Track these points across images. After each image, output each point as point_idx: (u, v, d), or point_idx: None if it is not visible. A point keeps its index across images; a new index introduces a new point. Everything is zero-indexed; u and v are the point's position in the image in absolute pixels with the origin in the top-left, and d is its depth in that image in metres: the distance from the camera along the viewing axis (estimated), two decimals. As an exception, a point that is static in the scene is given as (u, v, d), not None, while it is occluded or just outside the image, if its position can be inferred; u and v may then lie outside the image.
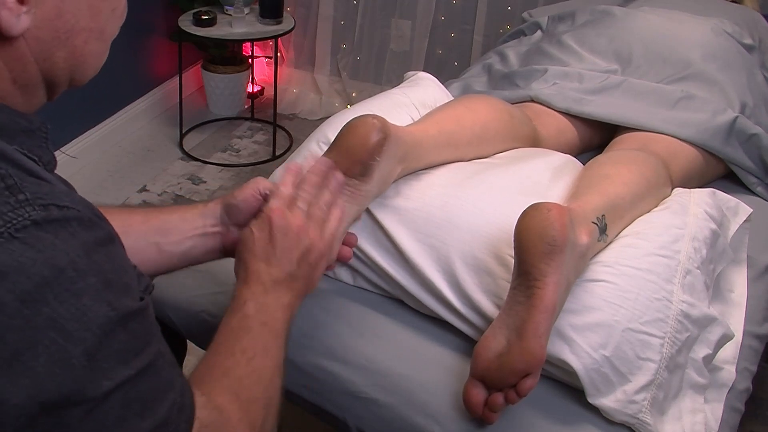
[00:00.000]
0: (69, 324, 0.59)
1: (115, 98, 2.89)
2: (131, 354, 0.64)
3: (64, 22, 0.67)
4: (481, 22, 2.98)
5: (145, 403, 0.66)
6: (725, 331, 1.16)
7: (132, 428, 0.64)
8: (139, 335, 0.66)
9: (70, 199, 0.63)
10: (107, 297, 0.62)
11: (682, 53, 1.71)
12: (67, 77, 0.72)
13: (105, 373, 0.62)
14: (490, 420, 1.02)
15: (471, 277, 1.13)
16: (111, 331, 0.62)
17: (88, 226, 0.62)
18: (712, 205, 1.25)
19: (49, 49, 0.68)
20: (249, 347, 0.87)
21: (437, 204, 1.18)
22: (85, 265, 0.61)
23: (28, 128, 0.69)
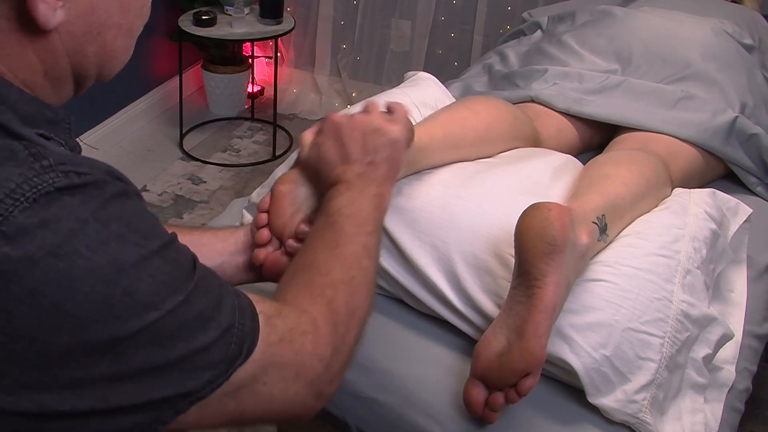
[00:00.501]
0: (105, 270, 0.62)
1: (116, 98, 2.89)
2: (178, 280, 0.67)
3: (97, 17, 0.69)
4: (481, 22, 2.98)
5: (204, 316, 0.68)
6: (725, 330, 1.16)
7: (196, 342, 0.67)
8: (179, 261, 0.69)
9: (89, 166, 0.65)
10: (133, 238, 0.65)
11: (682, 53, 1.71)
12: (96, 71, 0.74)
13: (154, 306, 0.64)
14: (490, 420, 1.02)
15: (472, 276, 1.13)
16: (149, 267, 0.65)
17: (102, 185, 0.65)
18: (712, 205, 1.25)
19: (80, 44, 0.70)
20: (332, 239, 0.89)
21: (438, 204, 1.18)
22: (105, 216, 0.63)
23: (53, 119, 0.71)
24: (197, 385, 0.68)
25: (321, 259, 0.87)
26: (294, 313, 0.78)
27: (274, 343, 0.74)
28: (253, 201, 1.35)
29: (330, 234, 0.90)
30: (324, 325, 0.80)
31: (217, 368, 0.69)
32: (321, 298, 0.82)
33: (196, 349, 0.67)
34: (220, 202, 2.64)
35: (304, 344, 0.77)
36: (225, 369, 0.69)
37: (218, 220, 1.43)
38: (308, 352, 0.77)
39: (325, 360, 0.78)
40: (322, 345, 0.78)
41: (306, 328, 0.78)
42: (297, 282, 0.85)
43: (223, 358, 0.69)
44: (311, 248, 0.90)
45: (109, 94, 2.79)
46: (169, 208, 2.60)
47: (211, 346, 0.68)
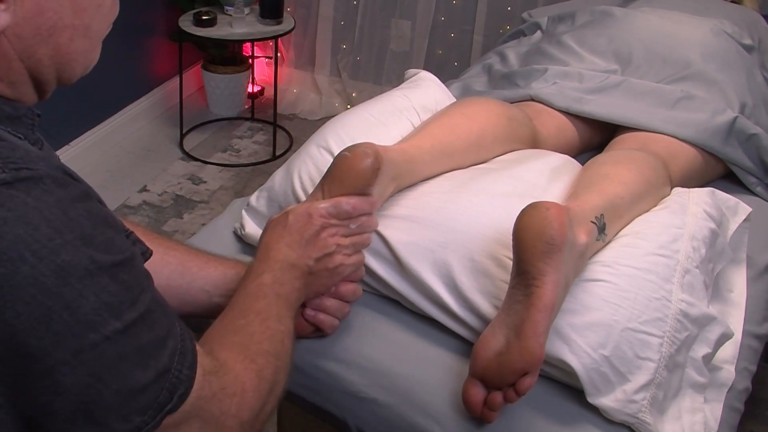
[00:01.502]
0: (49, 280, 0.59)
1: (116, 98, 2.89)
2: (124, 305, 0.64)
3: (46, 19, 0.67)
4: (481, 23, 2.98)
5: (143, 353, 0.66)
6: (724, 330, 1.16)
7: (133, 379, 0.65)
8: (131, 285, 0.66)
9: (44, 163, 0.62)
10: (87, 251, 0.62)
11: (681, 53, 1.71)
12: (54, 75, 0.71)
13: (94, 326, 0.61)
14: (489, 419, 1.02)
15: (469, 279, 1.13)
16: (95, 284, 0.62)
17: (62, 183, 0.62)
18: (711, 204, 1.25)
19: (31, 47, 0.67)
20: (263, 310, 0.90)
21: (433, 208, 1.18)
22: (60, 222, 0.60)
23: (12, 114, 0.69)
24: (125, 430, 0.65)
25: (254, 326, 0.88)
26: (229, 375, 0.78)
27: (204, 398, 0.73)
28: (252, 203, 1.35)
29: (261, 305, 0.91)
30: (250, 391, 0.80)
31: (146, 414, 0.67)
32: (253, 365, 0.82)
33: (131, 388, 0.65)
34: (220, 202, 2.64)
35: (230, 406, 0.77)
36: (154, 415, 0.67)
37: (218, 221, 1.43)
38: (231, 414, 0.77)
39: (244, 425, 0.78)
40: (245, 410, 0.79)
41: (235, 390, 0.78)
42: (231, 342, 0.84)
43: (154, 404, 0.67)
44: (242, 311, 0.90)
45: (109, 94, 2.79)
46: (169, 208, 2.60)
47: (146, 388, 0.66)
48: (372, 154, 1.09)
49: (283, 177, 1.33)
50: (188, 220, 2.55)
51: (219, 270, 1.06)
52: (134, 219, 2.52)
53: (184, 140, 2.98)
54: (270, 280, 0.95)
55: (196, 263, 1.05)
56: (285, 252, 0.99)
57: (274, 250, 0.99)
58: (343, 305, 1.10)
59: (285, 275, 0.97)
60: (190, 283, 1.04)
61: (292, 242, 1.01)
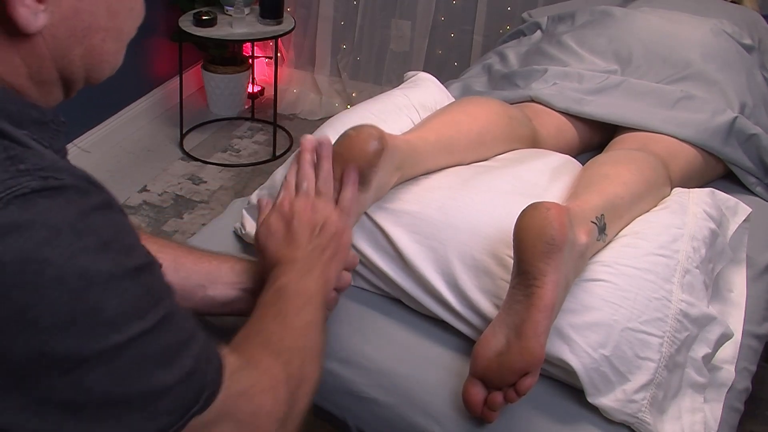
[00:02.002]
0: (73, 282, 0.60)
1: (116, 98, 2.89)
2: (146, 307, 0.65)
3: (81, 20, 0.68)
4: (480, 23, 2.98)
5: (168, 354, 0.67)
6: (724, 330, 1.16)
7: (157, 379, 0.65)
8: (153, 288, 0.67)
9: (69, 173, 0.64)
10: (109, 255, 0.63)
11: (681, 53, 1.71)
12: (84, 75, 0.73)
13: (117, 328, 0.62)
14: (489, 419, 1.02)
15: (470, 277, 1.13)
16: (118, 287, 0.63)
17: (84, 192, 0.63)
18: (711, 204, 1.25)
19: (65, 47, 0.69)
20: (282, 310, 0.90)
21: (435, 206, 1.19)
22: (81, 227, 0.61)
23: (39, 119, 0.70)
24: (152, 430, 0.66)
25: (271, 328, 0.88)
26: (257, 371, 0.78)
27: (233, 396, 0.73)
28: (252, 202, 1.35)
29: (277, 307, 0.91)
30: (282, 387, 0.80)
31: (173, 415, 0.67)
32: (279, 360, 0.82)
33: (156, 389, 0.65)
34: (220, 202, 2.64)
35: (262, 403, 0.77)
36: (180, 416, 0.68)
37: (218, 221, 1.43)
38: (265, 412, 0.77)
39: (279, 422, 0.78)
40: (278, 406, 0.78)
41: (265, 387, 0.78)
42: (253, 343, 0.85)
43: (180, 406, 0.68)
44: (259, 319, 0.90)
45: (109, 94, 2.79)
46: (170, 208, 2.60)
47: (171, 389, 0.67)
48: (377, 136, 1.09)
49: (283, 175, 1.33)
50: (188, 220, 2.55)
51: (213, 264, 1.07)
52: (134, 219, 2.52)
53: (184, 140, 2.98)
54: (284, 281, 0.96)
55: (189, 259, 1.05)
56: (288, 252, 1.00)
57: (281, 257, 1.00)
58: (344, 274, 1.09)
59: (299, 270, 0.98)
60: (185, 279, 1.04)
61: (289, 240, 1.02)
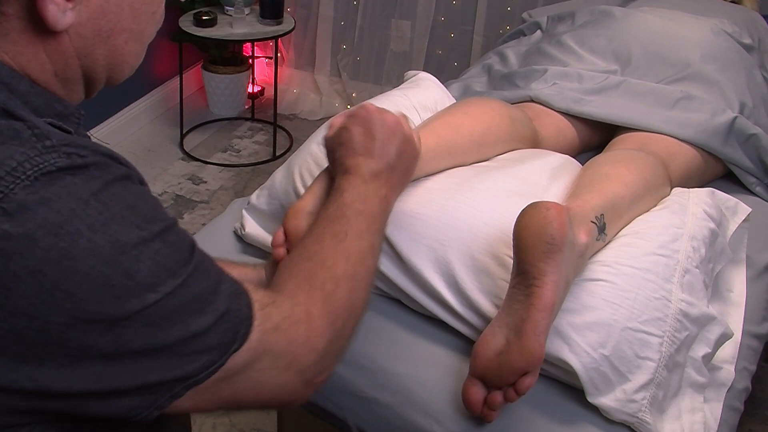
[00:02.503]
0: (105, 250, 0.62)
1: (116, 98, 2.89)
2: (177, 264, 0.68)
3: (107, 21, 0.71)
4: (480, 23, 2.99)
5: (202, 300, 0.69)
6: (724, 329, 1.16)
7: (194, 324, 0.68)
8: (181, 245, 0.69)
9: (91, 150, 0.66)
10: (135, 221, 0.65)
11: (681, 53, 1.71)
12: (105, 75, 0.75)
13: (153, 287, 0.65)
14: (489, 418, 1.03)
15: (470, 277, 1.13)
16: (149, 249, 0.65)
17: (104, 167, 0.66)
18: (711, 204, 1.25)
19: (90, 46, 0.71)
20: (341, 231, 0.89)
21: (435, 207, 1.19)
22: (105, 197, 0.64)
23: (62, 112, 0.72)
24: (194, 370, 0.68)
25: (327, 250, 0.87)
26: (288, 303, 0.79)
27: (268, 331, 0.74)
28: (252, 202, 1.35)
29: (339, 225, 0.90)
30: (319, 317, 0.80)
31: (212, 353, 0.69)
32: (320, 292, 0.82)
33: (194, 332, 0.68)
34: (220, 202, 2.64)
35: (297, 334, 0.77)
36: (221, 354, 0.70)
37: (218, 221, 1.43)
38: (301, 342, 0.77)
39: (317, 351, 0.78)
40: (315, 336, 0.78)
41: (299, 318, 0.78)
42: (297, 272, 0.84)
43: (220, 343, 0.70)
44: (318, 237, 0.89)
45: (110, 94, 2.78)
46: (170, 208, 2.60)
47: (208, 330, 0.69)
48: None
49: (284, 175, 1.33)
50: (188, 220, 2.56)
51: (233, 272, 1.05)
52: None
53: (184, 140, 2.98)
54: (350, 197, 0.93)
55: None
56: (364, 163, 0.97)
57: (352, 166, 0.97)
58: None
59: (368, 188, 0.95)
60: None
61: (367, 150, 0.98)
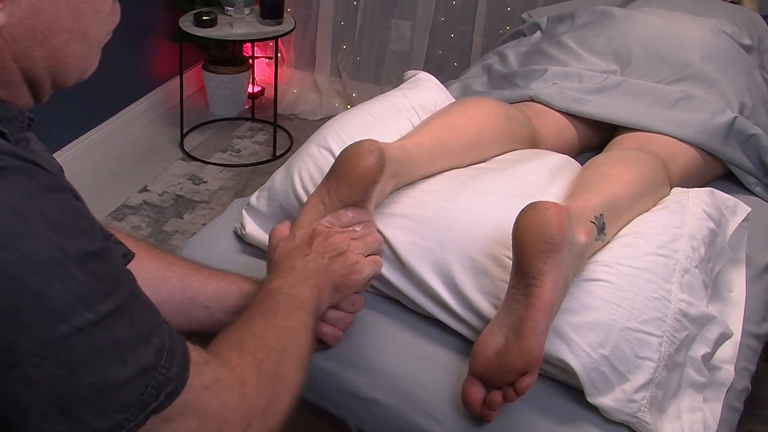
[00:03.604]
0: (14, 268, 0.58)
1: (116, 99, 2.89)
2: (95, 296, 0.62)
3: (42, 21, 0.67)
4: (480, 23, 2.99)
5: (121, 347, 0.64)
6: (724, 329, 1.16)
7: (110, 373, 0.63)
8: (104, 277, 0.64)
9: (13, 155, 0.61)
10: (53, 239, 0.60)
11: (681, 54, 1.71)
12: (49, 78, 0.71)
13: (63, 317, 0.60)
14: (488, 418, 1.03)
15: (468, 278, 1.13)
16: (63, 273, 0.60)
17: (30, 174, 0.61)
18: (710, 204, 1.25)
19: (26, 48, 0.67)
20: (270, 311, 0.89)
21: (433, 208, 1.19)
22: (25, 210, 0.59)
23: (2, 116, 0.68)
24: (106, 428, 0.63)
25: (256, 325, 0.86)
26: (222, 367, 0.76)
27: (197, 389, 0.70)
28: (252, 203, 1.35)
29: (267, 306, 0.90)
30: (251, 384, 0.77)
31: (129, 411, 0.64)
32: (251, 358, 0.79)
33: (109, 383, 0.62)
34: (220, 202, 2.65)
35: (229, 399, 0.73)
36: (137, 413, 0.65)
37: (218, 221, 1.43)
38: (233, 408, 0.73)
39: (248, 418, 0.75)
40: (248, 404, 0.75)
41: (233, 383, 0.75)
42: (228, 341, 0.83)
43: (138, 401, 0.65)
44: (248, 315, 0.89)
45: (110, 94, 2.79)
46: (170, 208, 2.60)
47: (126, 383, 0.64)
48: (376, 151, 1.09)
49: (283, 176, 1.33)
50: (189, 220, 2.56)
51: (220, 285, 1.05)
52: (135, 219, 2.53)
53: (184, 140, 2.99)
54: (278, 284, 0.95)
55: (197, 279, 1.04)
56: (296, 262, 0.99)
57: (283, 263, 1.00)
58: (345, 315, 1.09)
59: (296, 276, 0.97)
60: (191, 299, 1.02)
61: (302, 253, 1.01)
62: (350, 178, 1.09)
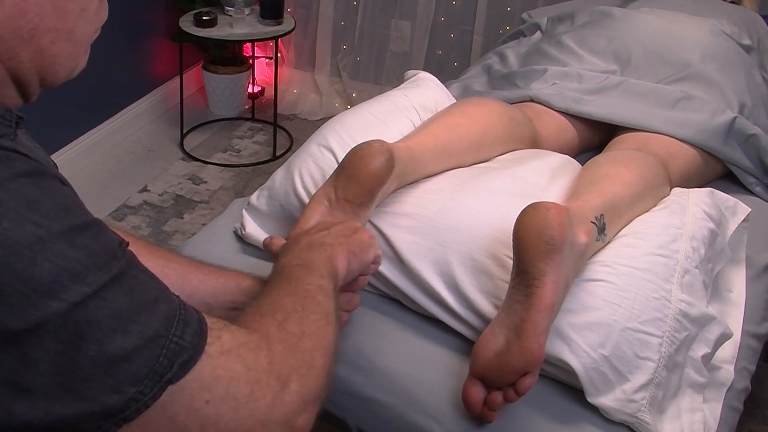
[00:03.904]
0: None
1: (117, 99, 2.89)
2: (89, 269, 0.61)
3: (27, 21, 0.66)
4: (480, 23, 2.99)
5: (122, 317, 0.62)
6: (724, 329, 1.16)
7: (112, 344, 0.61)
8: (95, 250, 0.62)
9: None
10: (32, 217, 0.59)
11: (681, 54, 1.71)
12: (36, 77, 0.70)
13: (54, 294, 0.58)
14: (489, 419, 1.03)
15: (469, 278, 1.13)
16: (48, 250, 0.59)
17: (5, 160, 0.60)
18: (710, 204, 1.25)
19: (12, 48, 0.66)
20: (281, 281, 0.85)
21: (434, 208, 1.19)
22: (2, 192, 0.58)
23: None
24: (120, 403, 0.61)
25: (270, 295, 0.82)
26: (243, 330, 0.71)
27: (216, 355, 0.66)
28: (252, 203, 1.35)
29: (278, 280, 0.86)
30: (277, 343, 0.72)
31: (142, 383, 0.62)
32: (271, 320, 0.75)
33: (112, 355, 0.60)
34: (220, 202, 2.65)
35: (257, 360, 0.69)
36: (152, 385, 0.62)
37: (218, 221, 1.43)
38: (263, 369, 0.69)
39: (286, 381, 0.70)
40: (279, 364, 0.70)
41: (258, 344, 0.70)
42: (245, 312, 0.78)
43: (150, 372, 0.62)
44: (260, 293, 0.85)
45: (110, 94, 2.79)
46: (170, 208, 2.61)
47: (132, 354, 0.61)
48: (386, 153, 1.09)
49: (283, 176, 1.33)
50: (189, 220, 2.56)
51: (219, 282, 1.04)
52: (135, 219, 2.53)
53: (184, 140, 2.98)
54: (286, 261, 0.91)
55: (196, 275, 1.03)
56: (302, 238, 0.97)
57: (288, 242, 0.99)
58: (352, 296, 1.07)
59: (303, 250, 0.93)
60: (191, 295, 1.01)
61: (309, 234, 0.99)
62: (359, 179, 1.09)
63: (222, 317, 0.96)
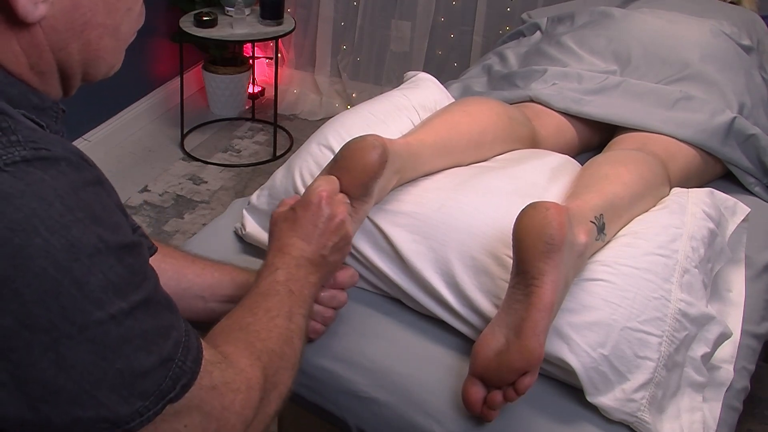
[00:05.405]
0: (59, 254, 0.61)
1: (117, 99, 2.90)
2: (129, 287, 0.66)
3: (80, 15, 0.70)
4: (480, 23, 2.99)
5: (147, 338, 0.67)
6: (723, 329, 1.17)
7: (137, 361, 0.66)
8: (136, 270, 0.68)
9: (62, 146, 0.65)
10: (96, 230, 0.64)
11: (680, 54, 1.71)
12: (81, 70, 0.74)
13: (100, 304, 0.63)
14: (488, 418, 1.03)
15: (469, 277, 1.13)
16: (103, 263, 0.64)
17: (76, 167, 0.65)
18: (710, 204, 1.26)
19: (64, 40, 0.70)
20: (273, 308, 0.90)
21: (434, 206, 1.19)
22: (72, 201, 0.62)
23: (39, 105, 0.71)
24: (127, 414, 0.66)
25: (261, 324, 0.88)
26: (233, 369, 0.78)
27: (205, 389, 0.73)
28: (253, 202, 1.36)
29: (273, 302, 0.91)
30: (256, 389, 0.79)
31: (148, 399, 0.67)
32: (258, 362, 0.82)
33: (135, 371, 0.66)
34: (220, 203, 2.65)
35: (233, 401, 0.76)
36: (156, 402, 0.68)
37: (219, 221, 1.43)
38: (235, 411, 0.76)
39: (247, 423, 0.78)
40: (249, 408, 0.78)
41: (240, 386, 0.77)
42: (236, 338, 0.84)
43: (157, 390, 0.68)
44: (250, 309, 0.90)
45: (111, 94, 2.80)
46: (170, 208, 2.61)
47: (149, 372, 0.67)
48: (380, 147, 1.09)
49: (284, 175, 1.33)
50: (189, 220, 2.56)
51: (215, 276, 1.07)
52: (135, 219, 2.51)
53: (185, 140, 2.99)
54: (284, 277, 0.95)
55: (192, 270, 1.06)
56: (300, 246, 1.00)
57: (288, 245, 1.00)
58: (324, 309, 1.09)
59: (300, 271, 0.97)
60: (186, 290, 1.04)
61: (306, 235, 1.01)
62: (352, 172, 1.09)
63: (217, 310, 0.99)
